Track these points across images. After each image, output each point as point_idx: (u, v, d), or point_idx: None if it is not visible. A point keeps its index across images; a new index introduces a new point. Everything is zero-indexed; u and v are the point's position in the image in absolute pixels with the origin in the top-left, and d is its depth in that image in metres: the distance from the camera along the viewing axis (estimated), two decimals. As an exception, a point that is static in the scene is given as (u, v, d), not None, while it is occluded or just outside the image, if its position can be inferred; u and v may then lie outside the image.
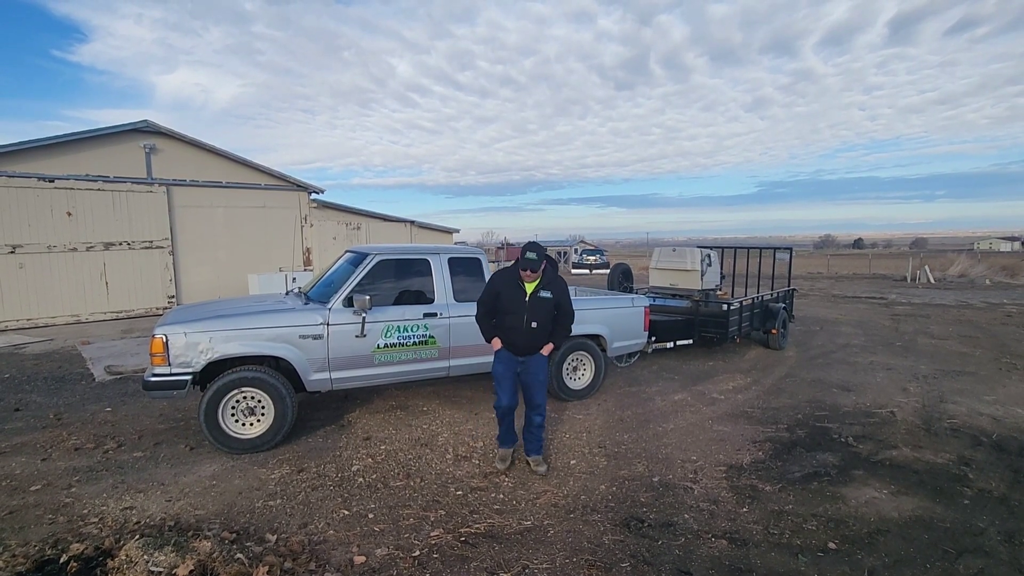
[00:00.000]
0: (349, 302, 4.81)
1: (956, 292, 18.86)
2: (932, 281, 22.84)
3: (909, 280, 23.35)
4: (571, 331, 4.37)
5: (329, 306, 4.82)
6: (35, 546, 3.10)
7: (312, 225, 15.86)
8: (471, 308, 5.36)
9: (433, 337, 5.19)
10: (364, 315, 4.80)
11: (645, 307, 6.70)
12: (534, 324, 4.09)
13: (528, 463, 4.34)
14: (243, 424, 4.55)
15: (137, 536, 3.11)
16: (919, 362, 8.14)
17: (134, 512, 3.56)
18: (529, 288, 4.09)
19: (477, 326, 4.30)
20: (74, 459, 4.44)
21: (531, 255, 3.97)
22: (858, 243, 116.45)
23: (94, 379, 7.05)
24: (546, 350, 4.22)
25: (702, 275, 8.54)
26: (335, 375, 4.85)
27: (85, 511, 3.57)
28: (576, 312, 4.41)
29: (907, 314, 13.42)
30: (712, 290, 8.81)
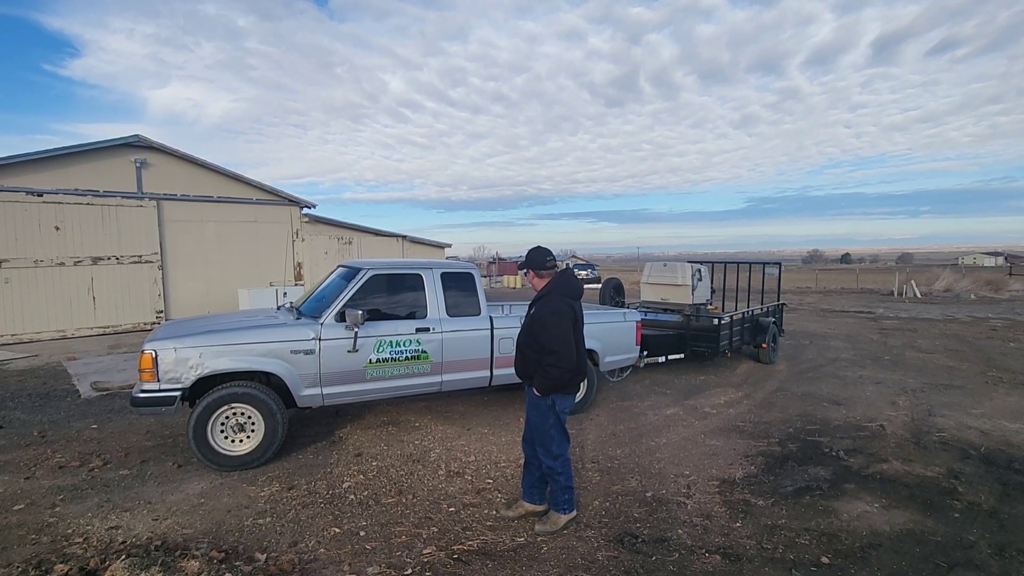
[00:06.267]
0: (341, 317, 4.80)
1: (942, 306, 19.13)
2: (918, 295, 23.16)
3: (896, 295, 23.65)
4: (554, 377, 3.38)
5: (321, 321, 4.80)
6: (18, 567, 3.03)
7: (303, 240, 15.84)
8: (464, 323, 5.39)
9: (425, 352, 5.17)
10: (356, 330, 4.78)
11: (637, 322, 6.74)
12: (519, 342, 3.68)
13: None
14: (232, 440, 4.50)
15: (123, 556, 3.05)
16: (907, 376, 8.22)
17: (120, 531, 3.49)
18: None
19: (470, 341, 4.09)
20: (58, 477, 4.36)
21: (528, 255, 3.62)
22: (845, 258, 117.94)
23: (80, 395, 6.94)
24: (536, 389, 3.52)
25: (693, 290, 8.61)
26: (326, 390, 4.81)
27: (70, 531, 3.50)
28: None
29: (895, 328, 13.57)
30: (703, 305, 8.88)
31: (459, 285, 5.53)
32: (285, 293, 12.16)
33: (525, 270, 3.66)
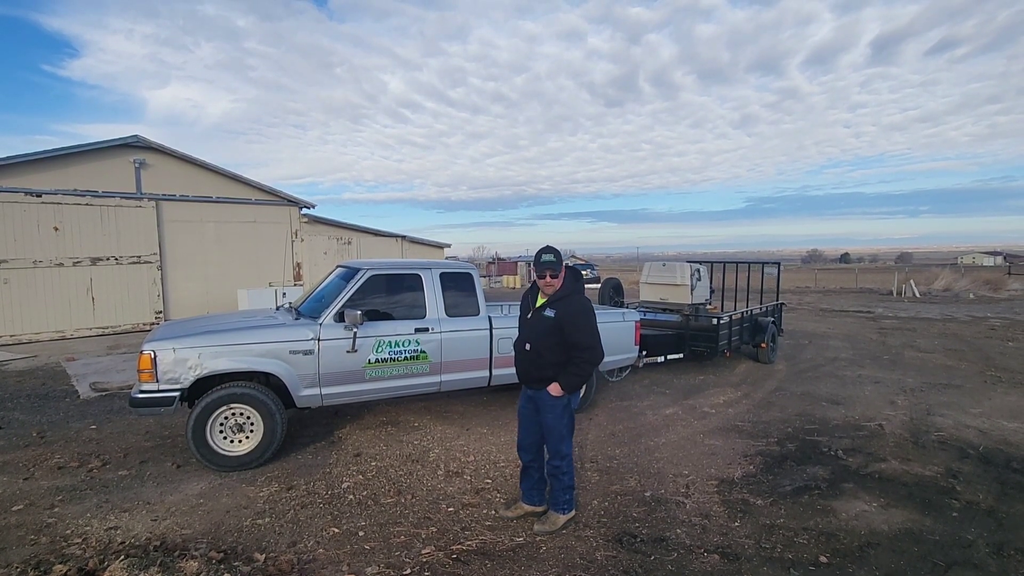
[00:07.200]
0: (340, 317, 4.80)
1: (941, 306, 19.13)
2: (917, 295, 23.17)
3: (895, 294, 23.66)
4: (586, 373, 3.47)
5: (320, 321, 4.80)
6: (17, 568, 3.03)
7: (303, 240, 15.83)
8: (462, 323, 5.39)
9: (424, 352, 5.17)
10: (355, 330, 4.78)
11: (636, 322, 6.74)
12: (527, 346, 3.56)
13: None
14: (231, 441, 4.50)
15: (122, 557, 3.05)
16: (906, 375, 8.23)
17: (119, 532, 3.49)
18: (540, 301, 3.59)
19: (469, 341, 4.04)
20: (57, 478, 4.36)
21: (546, 256, 3.44)
22: (845, 258, 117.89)
23: (79, 396, 6.94)
24: (553, 389, 3.46)
25: (692, 290, 8.61)
26: (326, 391, 4.81)
27: (68, 531, 3.50)
28: None
29: (894, 328, 13.58)
30: (702, 304, 8.88)
31: (458, 285, 5.53)
32: (284, 293, 12.16)
33: (543, 273, 3.46)
